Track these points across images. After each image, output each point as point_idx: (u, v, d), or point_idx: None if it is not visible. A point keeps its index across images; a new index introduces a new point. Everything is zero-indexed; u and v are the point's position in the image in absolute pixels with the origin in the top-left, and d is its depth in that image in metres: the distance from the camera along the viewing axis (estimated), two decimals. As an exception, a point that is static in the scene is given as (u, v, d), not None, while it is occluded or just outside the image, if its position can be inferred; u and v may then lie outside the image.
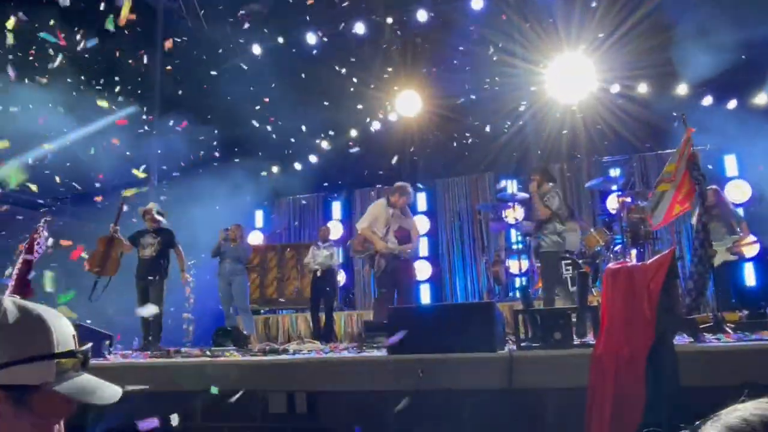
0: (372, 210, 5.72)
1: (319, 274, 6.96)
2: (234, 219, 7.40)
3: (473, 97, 8.69)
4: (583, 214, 8.88)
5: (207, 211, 7.78)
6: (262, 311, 8.71)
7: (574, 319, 3.91)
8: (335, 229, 10.28)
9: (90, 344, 1.06)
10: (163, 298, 6.00)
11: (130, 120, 7.50)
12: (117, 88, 7.27)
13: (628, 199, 6.97)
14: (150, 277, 5.98)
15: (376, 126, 9.36)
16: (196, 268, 7.79)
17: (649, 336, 2.84)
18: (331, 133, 9.53)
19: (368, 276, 9.64)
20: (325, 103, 8.73)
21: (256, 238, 10.16)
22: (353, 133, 9.55)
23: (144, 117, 8.16)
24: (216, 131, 8.43)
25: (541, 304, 5.47)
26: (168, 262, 6.16)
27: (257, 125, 8.58)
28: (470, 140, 9.01)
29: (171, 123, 8.02)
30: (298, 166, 9.93)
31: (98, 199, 6.31)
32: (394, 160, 8.40)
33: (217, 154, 8.61)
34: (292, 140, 9.11)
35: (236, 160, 8.83)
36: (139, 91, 7.98)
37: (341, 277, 9.39)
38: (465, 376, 3.30)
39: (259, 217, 10.88)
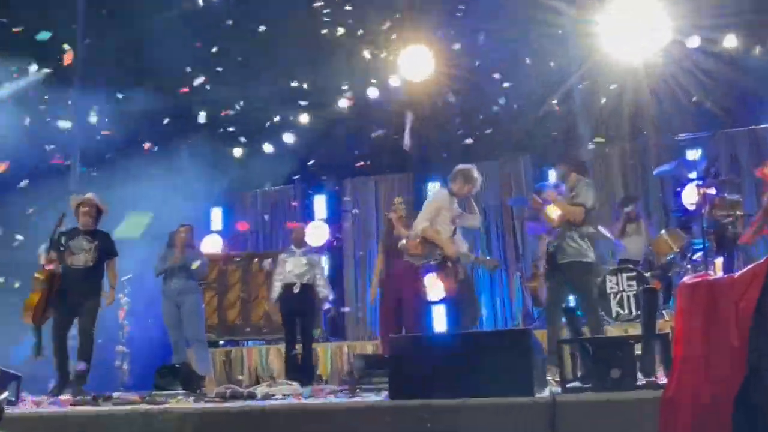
0: (432, 203, 5.94)
1: (296, 289, 6.95)
2: (182, 219, 7.41)
3: (503, 55, 8.69)
4: (651, 210, 8.90)
5: (144, 209, 7.81)
6: (221, 342, 8.74)
7: (638, 352, 3.94)
8: (318, 232, 10.37)
9: (6, 393, 1.07)
10: (96, 324, 6.06)
11: (41, 87, 7.52)
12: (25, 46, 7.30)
13: (712, 191, 6.97)
14: (82, 296, 5.96)
15: (373, 93, 9.35)
16: (131, 285, 7.85)
17: (739, 372, 2.86)
18: (312, 103, 9.52)
19: (364, 294, 9.67)
20: (305, 64, 8.74)
21: (212, 245, 10.18)
22: (343, 103, 9.54)
23: (59, 83, 8.16)
24: (156, 103, 8.45)
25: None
26: (103, 275, 6.21)
27: (212, 93, 8.59)
28: (499, 113, 9.00)
29: (95, 91, 8.02)
30: (268, 147, 9.93)
31: None
32: (406, 143, 8.38)
33: (158, 134, 8.63)
34: (261, 113, 9.12)
35: (185, 140, 8.84)
36: (53, 50, 7.98)
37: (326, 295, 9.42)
38: (491, 428, 3.30)
39: (216, 216, 10.93)
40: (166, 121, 8.68)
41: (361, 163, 9.84)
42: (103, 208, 6.30)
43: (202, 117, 8.92)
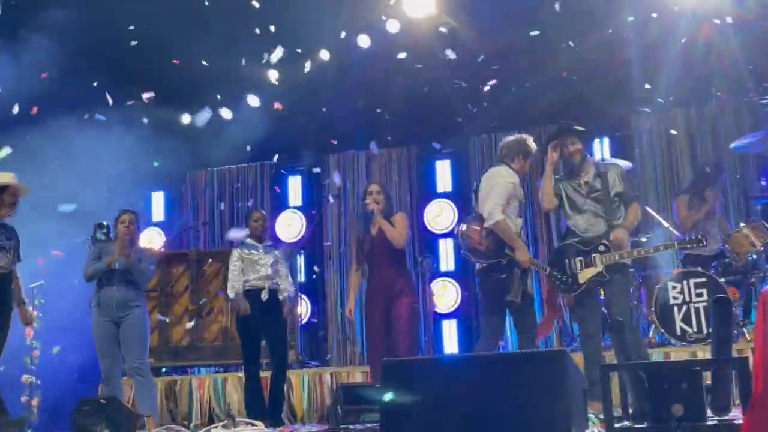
0: (504, 185, 5.93)
1: (264, 296, 6.90)
2: (111, 207, 7.33)
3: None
4: (726, 196, 8.87)
5: (61, 193, 7.74)
6: (163, 369, 8.72)
7: (707, 381, 3.91)
8: (291, 224, 10.39)
9: None
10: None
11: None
12: None
13: None
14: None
15: (363, 42, 9.30)
16: (43, 294, 7.81)
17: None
18: (284, 53, 9.47)
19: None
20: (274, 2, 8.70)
21: (151, 241, 10.19)
22: (324, 54, 9.49)
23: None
24: (79, 53, 8.38)
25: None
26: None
27: (149, 39, 8.53)
28: (526, 70, 8.95)
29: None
30: (226, 113, 9.88)
31: None
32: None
33: (75, 94, 8.54)
34: (216, 67, 9.07)
35: (115, 104, 8.79)
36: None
37: (302, 309, 9.41)
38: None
39: (157, 203, 10.94)
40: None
41: (349, 130, 9.80)
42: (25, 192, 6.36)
43: (136, 72, 8.84)
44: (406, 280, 6.47)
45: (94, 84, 8.69)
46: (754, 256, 7.27)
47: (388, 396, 3.87)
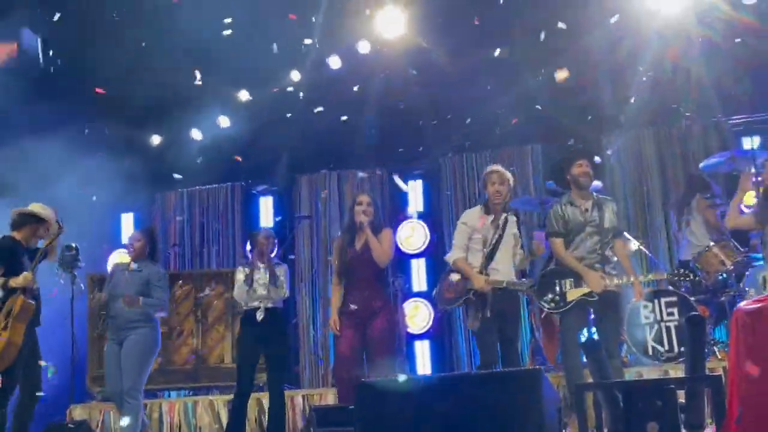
0: (459, 225, 6.35)
1: (259, 317, 6.75)
2: (79, 228, 7.27)
3: (502, 9, 8.72)
4: (695, 215, 8.94)
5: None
6: (107, 397, 8.59)
7: (681, 399, 3.92)
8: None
9: None
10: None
11: None
12: None
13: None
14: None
15: (335, 63, 9.33)
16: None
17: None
18: (256, 74, 9.47)
19: (325, 326, 9.64)
20: (245, 24, 8.68)
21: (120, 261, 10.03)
22: (295, 74, 9.50)
23: None
24: (50, 66, 8.33)
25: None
26: None
27: (120, 58, 8.49)
28: (497, 85, 9.00)
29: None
30: (196, 134, 9.86)
31: None
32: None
33: (45, 113, 8.47)
34: (188, 88, 9.04)
35: (83, 122, 8.73)
36: None
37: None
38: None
39: (127, 224, 10.82)
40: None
41: (320, 151, 9.80)
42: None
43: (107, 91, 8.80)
44: (385, 299, 6.34)
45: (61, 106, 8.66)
46: (724, 275, 7.31)
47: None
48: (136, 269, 6.74)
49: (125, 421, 6.49)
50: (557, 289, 5.94)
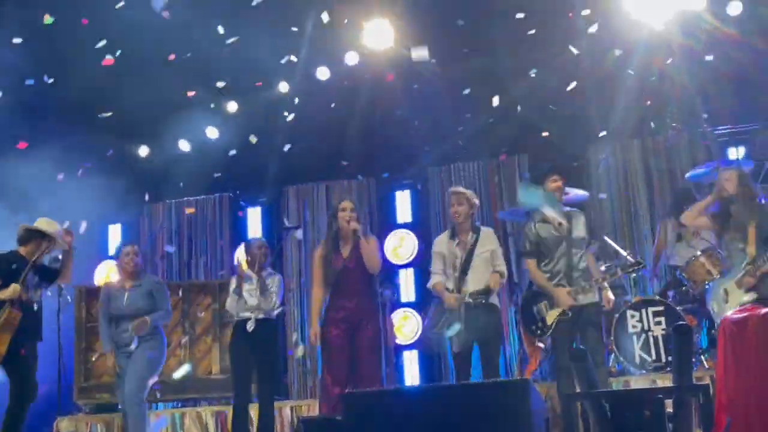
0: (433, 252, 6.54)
1: (249, 328, 6.72)
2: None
3: (482, 21, 8.75)
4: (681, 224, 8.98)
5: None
6: (119, 405, 8.52)
7: (669, 409, 3.93)
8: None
9: None
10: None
11: None
12: None
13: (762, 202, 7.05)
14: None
15: (323, 74, 9.34)
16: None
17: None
18: (243, 84, 9.48)
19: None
20: (233, 37, 8.69)
21: (108, 273, 10.02)
22: (283, 86, 9.51)
23: None
24: (31, 87, 8.31)
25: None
26: None
27: (107, 72, 8.49)
28: (484, 96, 9.01)
29: None
30: (184, 145, 9.84)
31: None
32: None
33: (33, 126, 8.52)
34: (175, 98, 9.04)
35: (72, 135, 8.70)
36: None
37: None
38: None
39: (114, 235, 10.81)
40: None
41: (307, 162, 9.80)
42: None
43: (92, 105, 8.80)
44: (373, 308, 6.31)
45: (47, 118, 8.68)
46: (710, 284, 7.33)
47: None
48: (136, 284, 6.71)
49: None
50: (536, 315, 6.06)
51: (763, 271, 5.64)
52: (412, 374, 9.74)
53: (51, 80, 8.63)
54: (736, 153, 8.78)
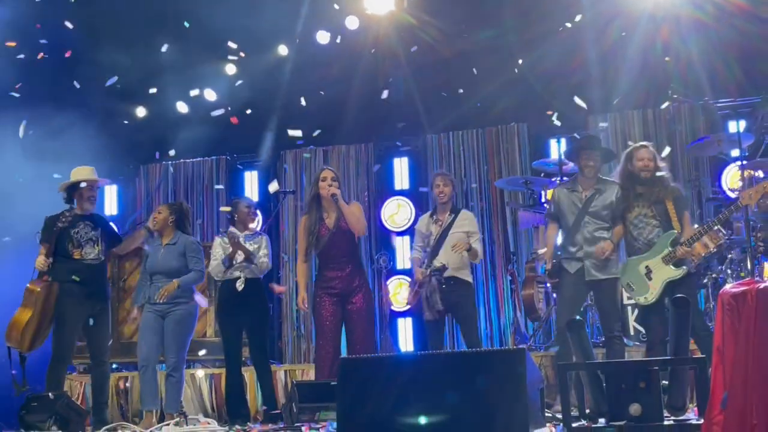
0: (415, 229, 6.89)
1: (239, 287, 6.68)
2: (56, 200, 7.16)
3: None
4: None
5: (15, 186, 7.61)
6: (114, 365, 8.54)
7: (664, 381, 3.92)
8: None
9: None
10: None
11: None
12: None
13: (760, 174, 7.02)
14: (99, 299, 6.46)
15: (323, 37, 9.26)
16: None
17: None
18: (241, 47, 9.40)
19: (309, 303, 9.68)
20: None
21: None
22: (282, 49, 9.44)
23: None
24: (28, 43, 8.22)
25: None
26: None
27: (105, 31, 8.42)
28: (485, 66, 8.94)
29: None
30: (182, 107, 9.77)
31: None
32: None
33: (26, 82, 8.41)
34: (172, 60, 8.95)
35: (67, 95, 8.63)
36: None
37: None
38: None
39: (110, 196, 10.76)
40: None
41: (305, 126, 9.72)
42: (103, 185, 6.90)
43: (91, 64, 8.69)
44: (362, 275, 6.35)
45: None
46: (707, 256, 7.32)
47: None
48: (171, 242, 6.67)
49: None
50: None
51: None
52: (406, 340, 9.75)
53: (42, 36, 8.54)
54: (736, 126, 8.72)
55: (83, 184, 6.51)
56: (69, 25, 8.39)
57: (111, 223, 7.04)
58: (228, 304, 6.67)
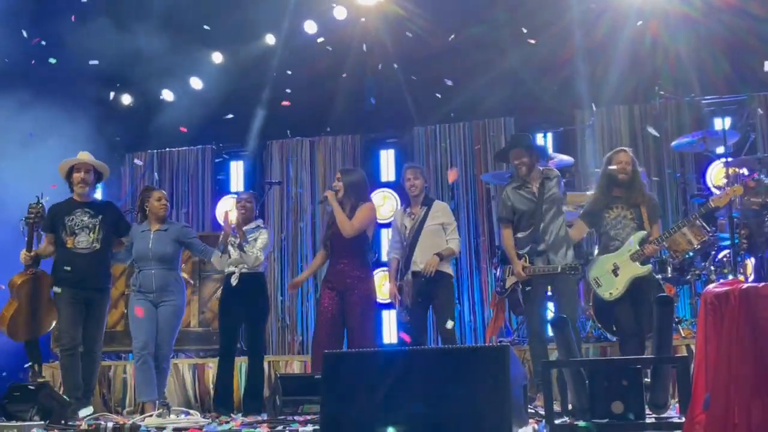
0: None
1: (233, 282, 6.67)
2: (38, 188, 7.10)
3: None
4: (666, 194, 9.00)
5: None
6: (134, 353, 8.52)
7: (646, 379, 3.94)
8: (232, 209, 10.14)
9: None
10: (104, 327, 6.55)
11: None
12: None
13: (744, 171, 7.04)
14: (90, 288, 6.32)
15: (310, 28, 9.24)
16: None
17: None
18: (229, 37, 9.37)
19: (295, 295, 9.67)
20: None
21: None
22: (270, 39, 9.41)
23: None
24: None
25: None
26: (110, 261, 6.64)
27: (91, 19, 8.38)
28: (473, 59, 8.95)
29: None
30: (168, 95, 9.74)
31: None
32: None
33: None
34: (159, 48, 8.92)
35: (53, 82, 8.60)
36: None
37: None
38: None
39: (95, 184, 10.69)
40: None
41: (292, 117, 9.71)
42: (103, 170, 6.59)
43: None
44: (361, 272, 6.31)
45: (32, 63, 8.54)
46: (691, 255, 7.35)
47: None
48: (162, 228, 6.62)
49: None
50: (501, 275, 6.44)
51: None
52: (390, 333, 9.74)
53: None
54: (722, 123, 8.75)
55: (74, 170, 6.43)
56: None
57: (120, 212, 6.93)
58: (227, 297, 6.72)
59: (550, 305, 6.90)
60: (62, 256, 6.34)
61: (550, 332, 5.82)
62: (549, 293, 6.33)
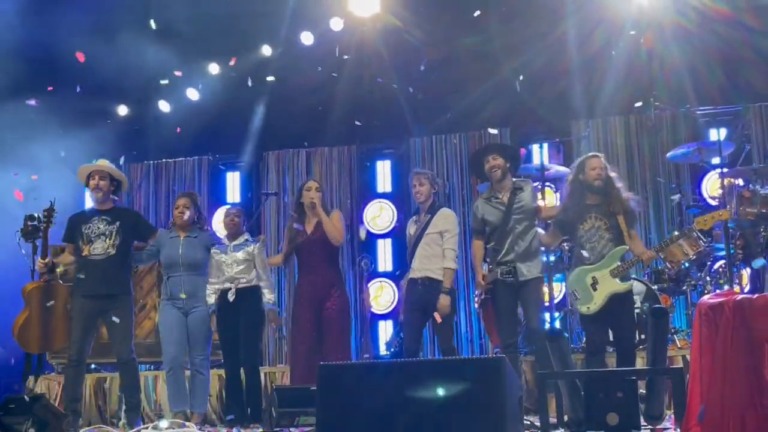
0: None
1: (230, 298, 6.65)
2: (43, 201, 7.12)
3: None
4: (662, 204, 9.02)
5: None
6: (92, 366, 8.51)
7: (642, 390, 3.95)
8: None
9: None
10: (132, 333, 6.48)
11: None
12: None
13: (739, 182, 7.05)
14: (103, 296, 6.23)
15: (306, 39, 9.27)
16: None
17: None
18: (225, 49, 9.39)
19: (289, 302, 9.65)
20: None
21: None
22: (266, 50, 9.43)
23: None
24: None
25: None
26: (131, 265, 6.63)
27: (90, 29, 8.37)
28: (469, 70, 9.00)
29: None
30: (164, 106, 9.75)
31: None
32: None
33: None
34: (156, 59, 8.94)
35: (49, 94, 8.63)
36: None
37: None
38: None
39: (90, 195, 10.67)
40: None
41: (288, 128, 9.74)
42: (121, 178, 6.57)
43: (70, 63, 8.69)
44: (338, 281, 6.40)
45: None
46: (687, 265, 7.36)
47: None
48: (192, 235, 6.63)
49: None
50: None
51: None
52: (386, 344, 9.75)
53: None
54: (717, 134, 8.79)
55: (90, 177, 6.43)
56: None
57: (138, 215, 6.97)
58: (224, 309, 6.66)
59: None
60: (79, 265, 6.35)
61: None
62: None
